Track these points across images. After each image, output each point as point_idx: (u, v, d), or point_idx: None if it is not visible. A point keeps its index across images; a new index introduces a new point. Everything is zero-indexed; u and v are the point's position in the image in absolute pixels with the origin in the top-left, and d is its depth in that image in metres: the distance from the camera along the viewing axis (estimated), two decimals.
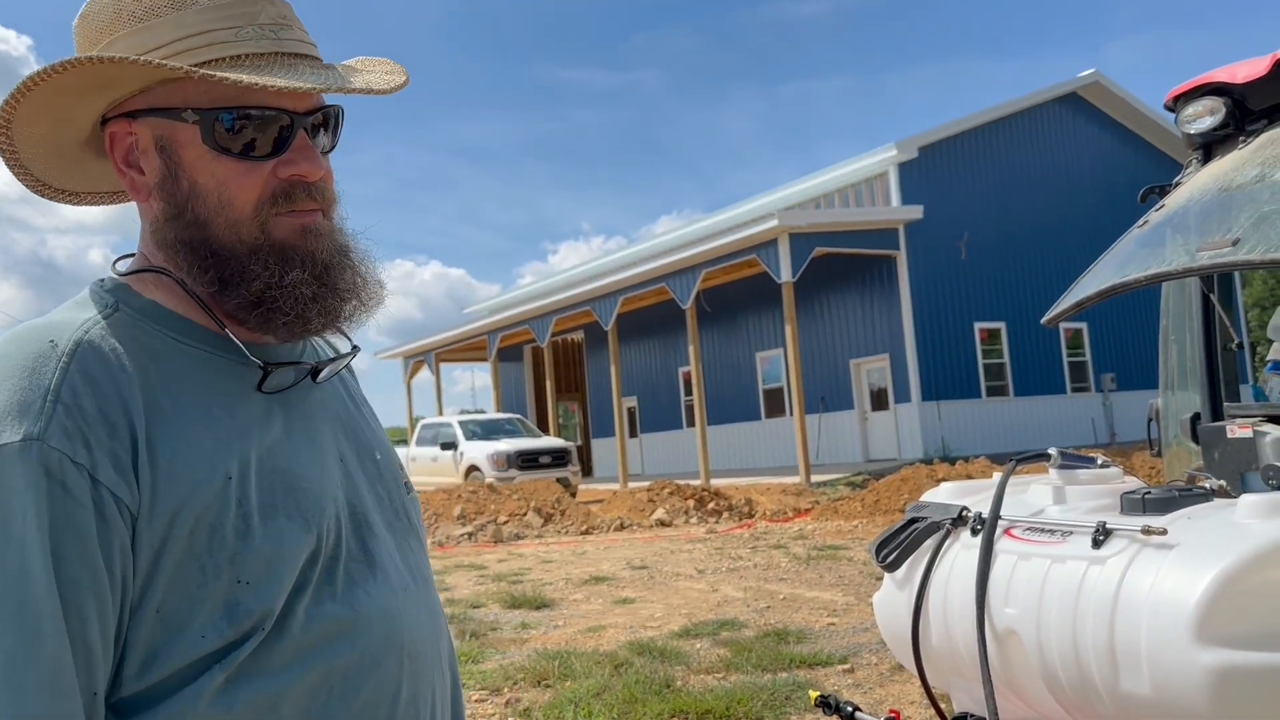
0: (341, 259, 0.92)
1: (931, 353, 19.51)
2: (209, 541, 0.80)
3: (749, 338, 22.97)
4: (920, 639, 1.85)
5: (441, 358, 28.34)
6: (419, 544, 1.01)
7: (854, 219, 18.97)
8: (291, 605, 0.83)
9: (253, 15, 0.89)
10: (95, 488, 0.76)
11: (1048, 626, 1.61)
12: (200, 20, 0.87)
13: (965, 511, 1.85)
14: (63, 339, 0.81)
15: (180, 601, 0.79)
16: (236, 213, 0.88)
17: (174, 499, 0.79)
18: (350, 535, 0.90)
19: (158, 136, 0.89)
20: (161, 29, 0.86)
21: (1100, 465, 1.87)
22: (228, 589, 0.80)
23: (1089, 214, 21.18)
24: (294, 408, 0.93)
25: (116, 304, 0.88)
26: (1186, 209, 2.23)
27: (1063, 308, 2.29)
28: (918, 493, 11.69)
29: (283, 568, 0.82)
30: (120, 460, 0.77)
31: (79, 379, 0.79)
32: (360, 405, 1.06)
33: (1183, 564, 1.46)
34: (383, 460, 1.01)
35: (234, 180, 0.88)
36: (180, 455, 0.81)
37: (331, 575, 0.87)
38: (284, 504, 0.85)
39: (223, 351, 0.90)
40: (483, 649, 5.85)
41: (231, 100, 0.87)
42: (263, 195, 0.89)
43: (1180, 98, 2.59)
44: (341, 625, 0.85)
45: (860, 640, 5.48)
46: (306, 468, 0.89)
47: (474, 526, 13.13)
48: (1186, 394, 2.95)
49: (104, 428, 0.78)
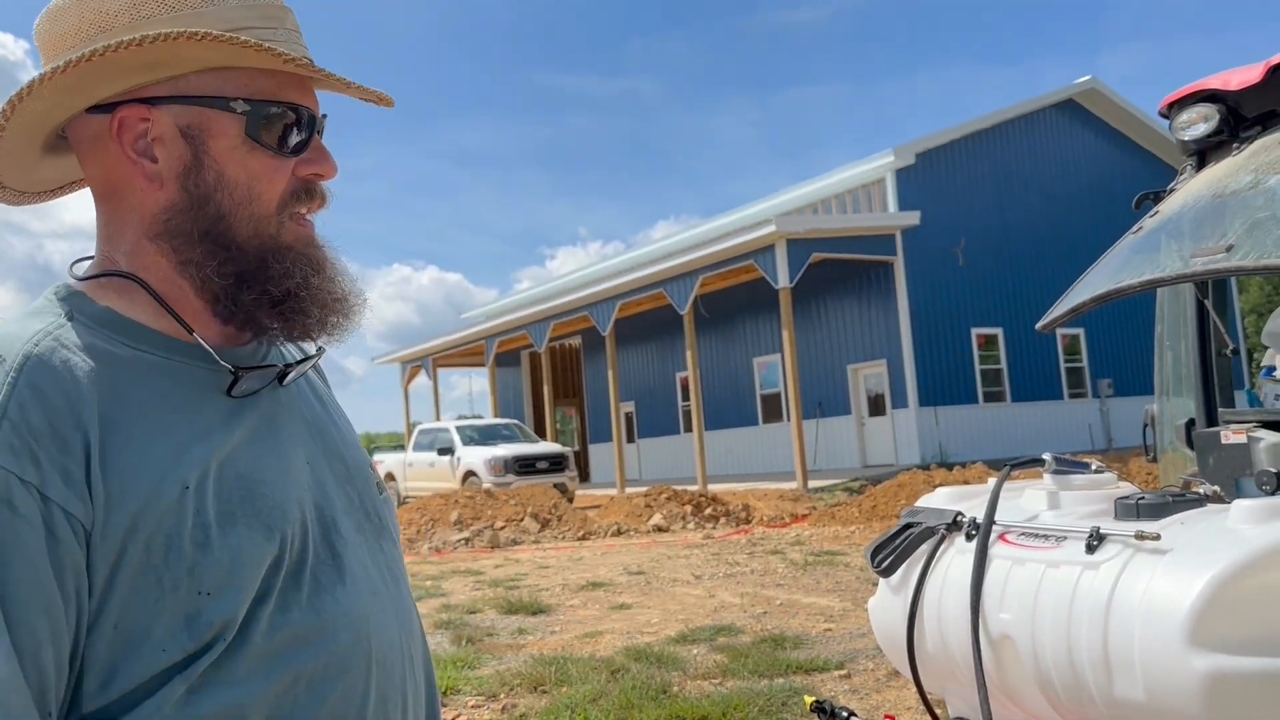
0: (335, 269, 0.94)
1: (929, 358, 19.53)
2: (165, 553, 0.78)
3: (746, 343, 22.99)
4: (915, 644, 1.85)
5: (439, 363, 28.33)
6: (392, 545, 1.00)
7: (851, 225, 19.00)
8: (254, 613, 0.81)
9: (281, 19, 0.90)
10: (45, 505, 0.74)
11: (1042, 632, 1.62)
12: (238, 16, 0.87)
13: (960, 517, 1.85)
14: (10, 353, 0.79)
15: (139, 615, 0.77)
16: (262, 208, 0.88)
17: (128, 512, 0.77)
18: (318, 539, 0.89)
19: (184, 125, 0.87)
20: (203, 19, 0.86)
21: (1094, 471, 1.87)
22: (187, 600, 0.78)
23: (1086, 220, 21.22)
24: (259, 411, 0.91)
25: (71, 312, 0.85)
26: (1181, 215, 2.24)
27: (1057, 314, 2.30)
28: (915, 498, 11.69)
29: (243, 577, 0.81)
30: (71, 475, 0.76)
31: (27, 393, 0.76)
32: (329, 406, 1.04)
33: (1176, 569, 1.47)
34: (352, 461, 1.00)
35: (265, 175, 0.88)
36: (134, 467, 0.79)
37: (297, 581, 0.85)
38: (244, 511, 0.83)
39: (182, 357, 0.87)
40: (479, 655, 5.85)
41: (272, 95, 0.88)
42: (286, 193, 0.90)
43: (1174, 105, 2.60)
44: (307, 632, 0.84)
45: (857, 646, 5.48)
46: (270, 472, 0.87)
47: (471, 532, 13.11)
48: (1182, 400, 2.96)
49: (54, 442, 0.76)
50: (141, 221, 0.89)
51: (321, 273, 0.92)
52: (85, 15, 0.86)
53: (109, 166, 0.89)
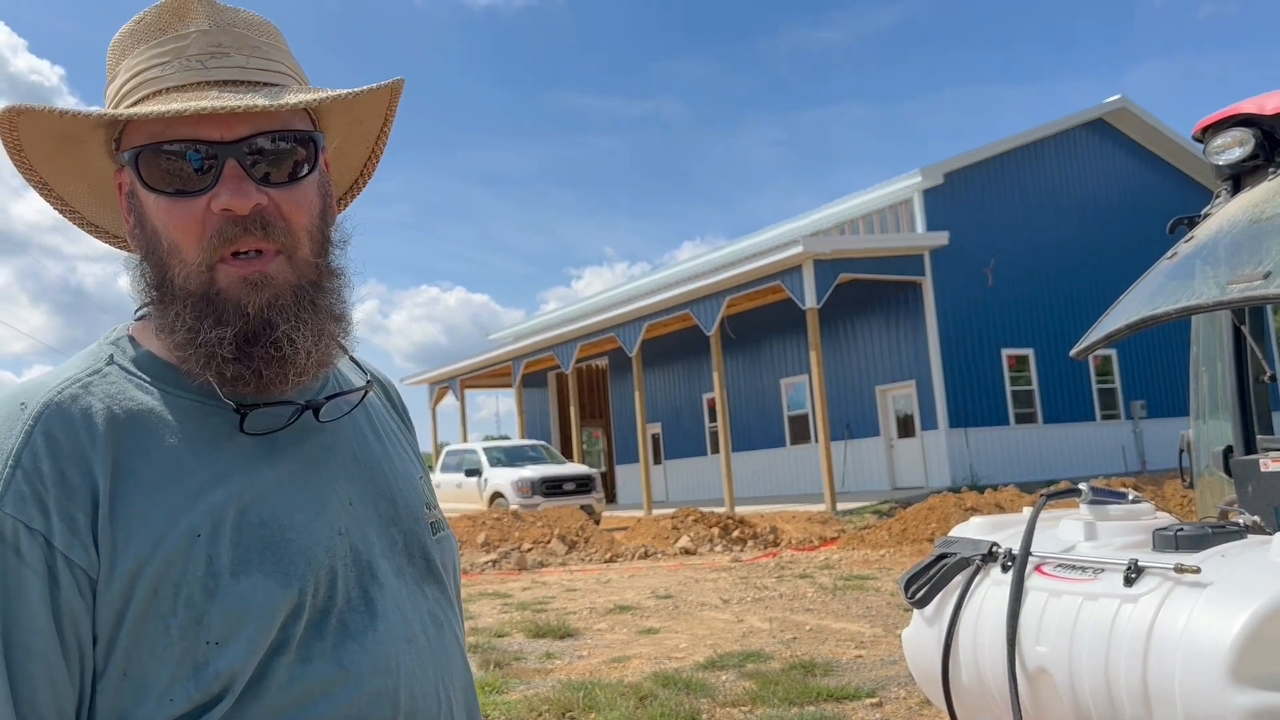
0: (284, 315, 0.86)
1: (959, 379, 19.38)
2: (173, 601, 0.78)
3: (773, 364, 22.92)
4: (950, 676, 1.83)
5: (466, 384, 28.46)
6: (438, 589, 0.96)
7: (879, 245, 18.94)
8: (271, 665, 0.80)
9: (181, 49, 0.88)
10: (50, 552, 0.75)
11: (1079, 665, 1.60)
12: (142, 59, 0.88)
13: (995, 547, 1.83)
14: (33, 401, 0.81)
15: (146, 662, 0.77)
16: (185, 255, 0.85)
17: (134, 559, 0.77)
18: (350, 584, 0.86)
19: (128, 184, 0.89)
20: (120, 75, 0.89)
21: (1132, 501, 1.85)
22: (195, 649, 0.77)
23: (1117, 240, 21.02)
24: (292, 450, 0.89)
25: (111, 358, 0.88)
26: (1216, 241, 2.22)
27: (1092, 340, 2.28)
28: (945, 521, 11.57)
29: (253, 626, 0.79)
30: (76, 523, 0.76)
31: (41, 442, 0.78)
32: (387, 442, 1.01)
33: (1217, 603, 1.45)
34: (403, 501, 0.96)
35: (173, 221, 0.85)
36: (143, 515, 0.79)
37: (320, 630, 0.83)
38: (262, 559, 0.82)
39: (213, 400, 0.87)
40: (506, 679, 5.84)
41: (155, 137, 0.85)
42: (202, 236, 0.84)
43: (1209, 129, 2.58)
44: (326, 684, 0.82)
45: (888, 673, 5.42)
46: (299, 517, 0.86)
47: (498, 554, 13.12)
48: (1218, 423, 2.92)
49: (62, 491, 0.77)
50: None
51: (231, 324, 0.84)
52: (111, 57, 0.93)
53: None
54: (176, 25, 0.89)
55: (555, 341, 23.32)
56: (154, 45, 0.88)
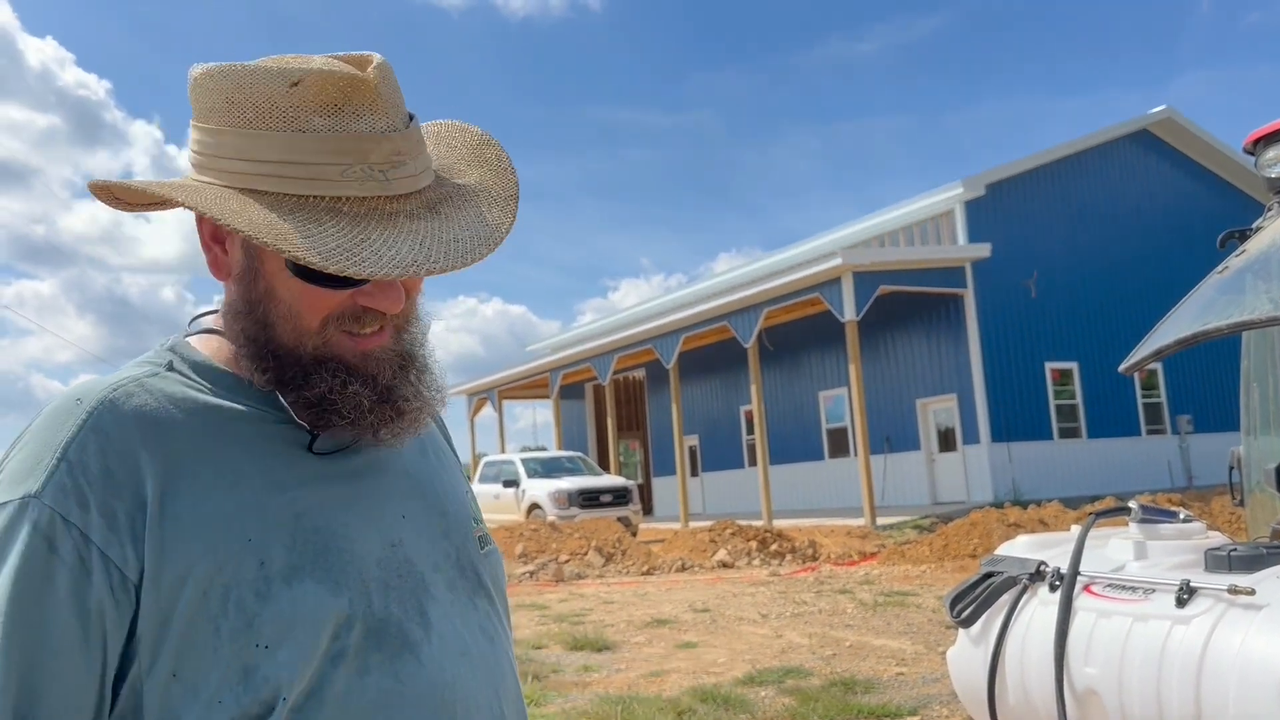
0: (403, 377, 0.90)
1: (1001, 393, 19.14)
2: (224, 603, 0.78)
3: (812, 376, 22.79)
4: (996, 697, 1.81)
5: (504, 395, 28.63)
6: (488, 603, 0.97)
7: (919, 257, 18.79)
8: (328, 676, 0.80)
9: (364, 153, 0.82)
10: (85, 546, 0.75)
11: (1130, 687, 1.57)
12: (311, 150, 0.81)
13: (1043, 566, 1.81)
14: (89, 397, 0.82)
15: (196, 664, 0.77)
16: (304, 324, 0.87)
17: (185, 560, 0.78)
18: (407, 596, 0.87)
19: (246, 239, 0.85)
20: (270, 144, 0.82)
21: (1183, 520, 1.82)
22: (245, 653, 0.78)
23: (1163, 252, 20.69)
24: (352, 465, 0.91)
25: (171, 361, 0.89)
26: (1269, 255, 2.18)
27: (1141, 355, 2.25)
28: (988, 537, 11.41)
29: (303, 632, 0.79)
30: (117, 519, 0.77)
31: (91, 436, 0.79)
32: (438, 456, 1.03)
33: (1273, 626, 1.42)
34: (453, 515, 0.98)
35: (308, 299, 0.86)
36: (195, 516, 0.79)
37: (378, 641, 0.83)
38: (315, 566, 0.82)
39: (271, 409, 0.88)
40: (545, 692, 5.84)
41: None
42: (332, 314, 0.87)
43: (1260, 141, 2.54)
44: (384, 696, 0.82)
45: (930, 691, 5.35)
46: (351, 527, 0.87)
47: (535, 565, 13.16)
48: (1270, 439, 2.86)
49: (107, 487, 0.77)
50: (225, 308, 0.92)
51: (366, 385, 0.87)
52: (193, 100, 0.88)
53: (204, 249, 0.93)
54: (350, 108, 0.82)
55: (592, 353, 23.38)
56: (331, 140, 0.82)
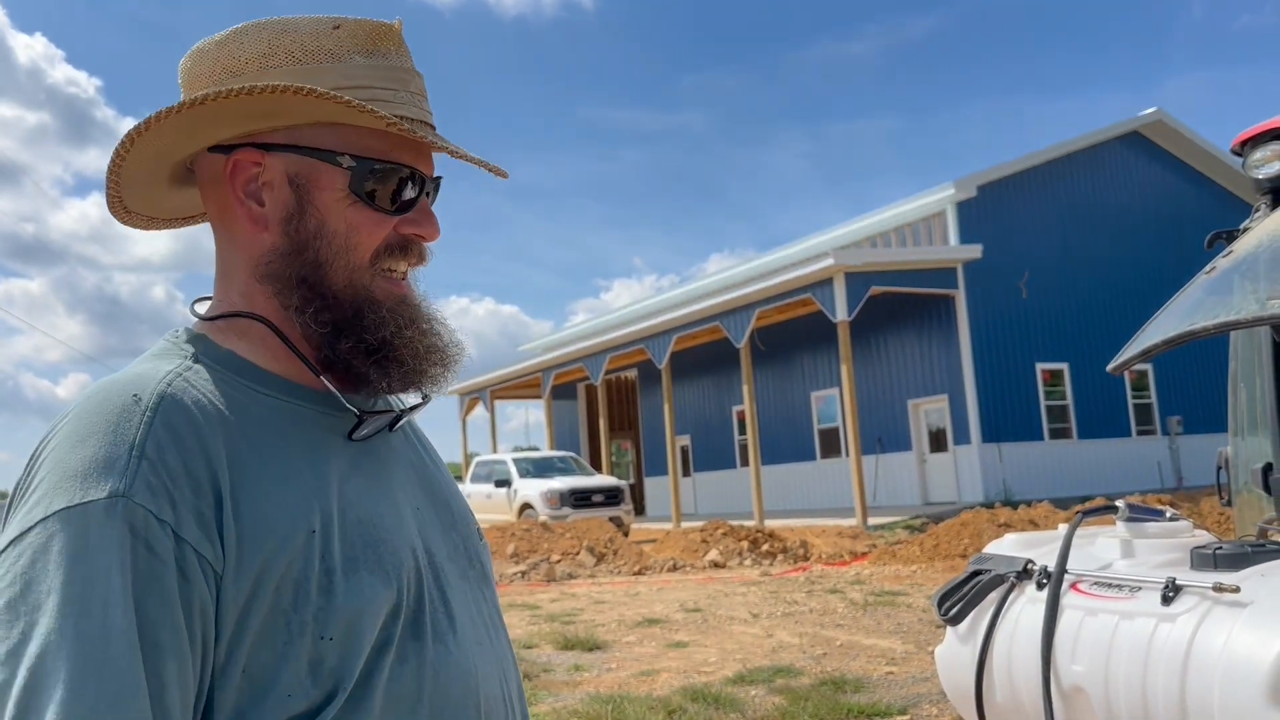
0: (428, 324, 0.94)
1: (992, 394, 19.19)
2: (294, 598, 0.78)
3: (804, 377, 22.83)
4: (984, 695, 1.81)
5: (496, 395, 28.59)
6: (492, 592, 0.99)
7: (911, 258, 18.83)
8: (377, 663, 0.81)
9: (406, 81, 0.92)
10: (179, 546, 0.74)
11: (1116, 684, 1.58)
12: (361, 75, 0.89)
13: (1030, 564, 1.82)
14: (146, 392, 0.80)
15: (268, 660, 0.77)
16: (357, 258, 0.89)
17: (259, 555, 0.78)
18: (432, 586, 0.88)
19: (294, 173, 0.89)
20: (325, 74, 0.88)
21: (1169, 518, 1.83)
22: (312, 646, 0.78)
23: (1154, 253, 20.77)
24: (373, 457, 0.92)
25: (196, 355, 0.87)
26: (1256, 255, 2.19)
27: (1129, 355, 2.26)
28: (978, 538, 11.44)
29: (365, 623, 0.81)
30: (204, 517, 0.76)
31: (163, 433, 0.77)
32: (429, 451, 1.05)
33: (1257, 623, 1.43)
34: (455, 508, 1.00)
35: (364, 228, 0.89)
36: (264, 510, 0.79)
37: (417, 630, 0.85)
38: (365, 557, 0.83)
39: (302, 401, 0.89)
40: (535, 691, 5.84)
41: (381, 154, 0.89)
42: (381, 246, 0.90)
43: (1248, 142, 2.56)
44: (420, 684, 0.83)
45: (920, 691, 5.37)
46: (386, 518, 0.88)
47: (527, 565, 13.15)
48: (1257, 440, 2.88)
49: (188, 483, 0.76)
50: (249, 262, 0.91)
51: (414, 325, 0.92)
52: (221, 59, 0.89)
53: (223, 205, 0.92)
54: (382, 50, 0.91)
55: (585, 353, 23.38)
56: (367, 63, 0.90)
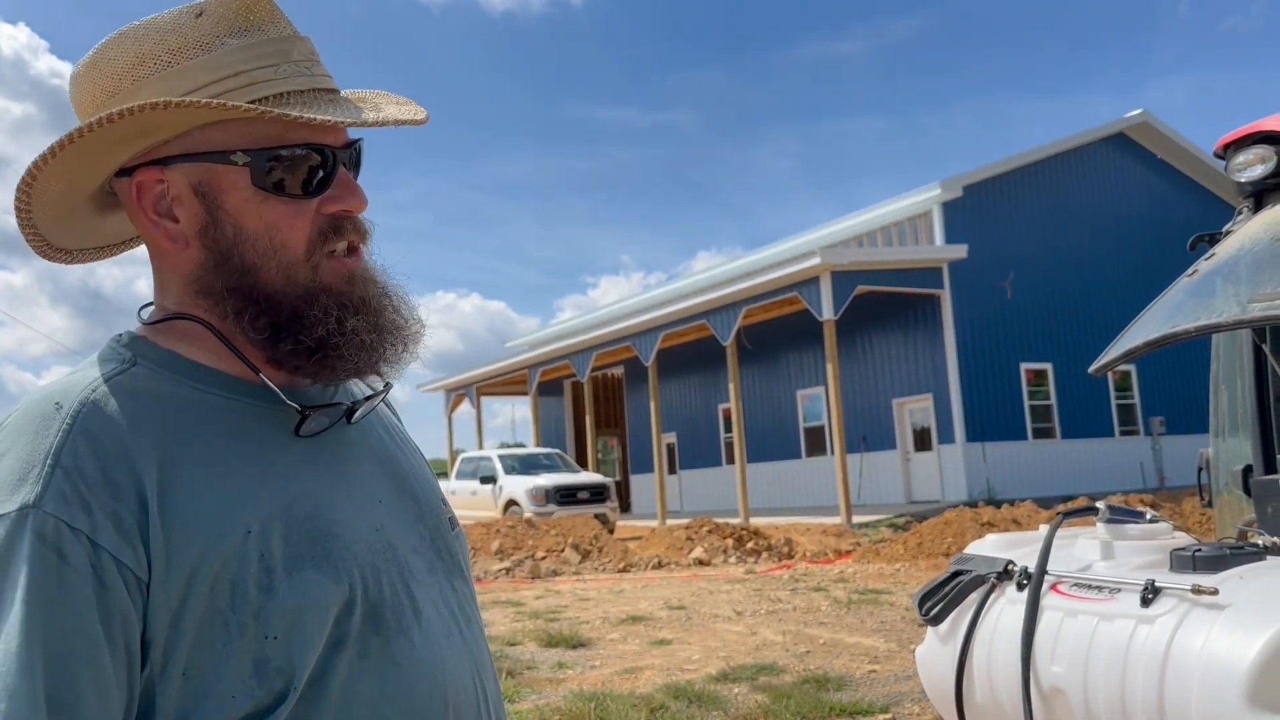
0: (384, 300, 0.91)
1: (976, 393, 19.27)
2: (231, 598, 0.77)
3: (790, 375, 22.87)
4: (964, 695, 1.82)
5: (482, 391, 28.53)
6: (464, 584, 0.98)
7: (897, 257, 18.89)
8: (333, 660, 0.80)
9: (286, 52, 0.87)
10: (95, 553, 0.73)
11: (1095, 685, 1.58)
12: (234, 60, 0.84)
13: (1011, 565, 1.82)
14: (68, 400, 0.79)
15: (207, 661, 0.76)
16: (290, 254, 0.86)
17: (189, 557, 0.76)
18: (394, 580, 0.87)
19: (196, 182, 0.85)
20: (193, 73, 0.84)
21: (1149, 520, 1.84)
22: (255, 646, 0.77)
23: (1138, 255, 20.89)
24: (327, 450, 0.90)
25: (134, 358, 0.85)
26: (1237, 259, 2.21)
27: (1111, 357, 2.27)
28: (961, 536, 11.49)
29: (310, 621, 0.79)
30: (124, 522, 0.75)
31: (81, 440, 0.76)
32: (399, 440, 1.02)
33: (1235, 626, 1.43)
34: (423, 497, 0.98)
35: (284, 221, 0.86)
36: (194, 512, 0.78)
37: (377, 625, 0.83)
38: (312, 554, 0.81)
39: (246, 397, 0.87)
40: (519, 688, 5.83)
41: (277, 140, 0.85)
42: (312, 234, 0.87)
43: (1230, 146, 2.57)
44: (385, 679, 0.82)
45: (902, 689, 5.38)
46: (340, 513, 0.86)
47: (512, 562, 13.13)
48: (1237, 442, 2.89)
49: (106, 490, 0.75)
50: (180, 280, 0.89)
51: (361, 312, 0.88)
52: (97, 82, 0.87)
53: (142, 228, 0.89)
54: (255, 25, 0.87)
55: (571, 350, 23.35)
56: (240, 44, 0.85)
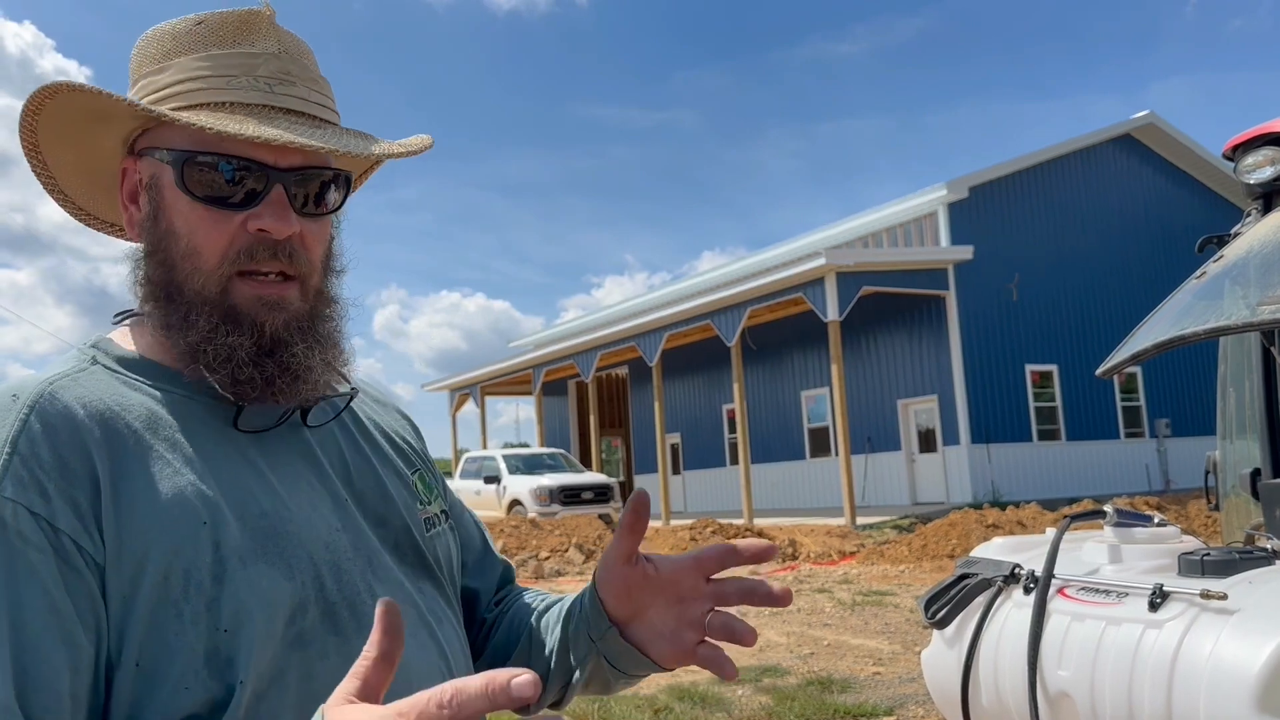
0: (300, 337, 0.90)
1: (981, 395, 19.24)
2: (184, 587, 0.77)
3: (794, 376, 22.85)
4: (970, 699, 1.81)
5: (487, 391, 28.55)
6: (434, 586, 0.98)
7: (902, 258, 18.86)
8: (290, 660, 0.80)
9: (251, 67, 0.89)
10: (55, 535, 0.74)
11: (1102, 690, 1.57)
12: (202, 66, 0.88)
13: (1018, 569, 1.81)
14: (24, 392, 0.81)
15: (159, 650, 0.76)
16: (202, 262, 0.87)
17: (141, 545, 0.77)
18: (356, 579, 0.88)
19: (149, 176, 0.90)
20: (170, 71, 0.89)
21: (1157, 524, 1.82)
22: (207, 637, 0.77)
23: (1144, 256, 20.85)
24: (284, 449, 0.91)
25: (94, 357, 0.89)
26: (1246, 261, 2.19)
27: (1119, 360, 2.25)
28: (966, 538, 11.47)
29: (262, 614, 0.79)
30: (80, 507, 0.76)
31: (38, 428, 0.78)
32: (373, 441, 1.02)
33: (1244, 631, 1.42)
34: (392, 500, 0.98)
35: (202, 228, 0.87)
36: (148, 501, 0.79)
37: (334, 625, 0.84)
38: (266, 549, 0.82)
39: (204, 395, 0.88)
40: None
41: (206, 146, 0.87)
42: (228, 249, 0.87)
43: (1239, 147, 2.56)
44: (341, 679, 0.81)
45: (906, 691, 5.37)
46: (294, 511, 0.87)
47: (515, 561, 13.14)
48: (1245, 443, 2.88)
49: (63, 476, 0.77)
50: (136, 266, 0.93)
51: (252, 337, 0.87)
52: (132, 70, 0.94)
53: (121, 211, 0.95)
54: (245, 40, 0.90)
55: (576, 350, 23.35)
56: (219, 54, 0.89)
